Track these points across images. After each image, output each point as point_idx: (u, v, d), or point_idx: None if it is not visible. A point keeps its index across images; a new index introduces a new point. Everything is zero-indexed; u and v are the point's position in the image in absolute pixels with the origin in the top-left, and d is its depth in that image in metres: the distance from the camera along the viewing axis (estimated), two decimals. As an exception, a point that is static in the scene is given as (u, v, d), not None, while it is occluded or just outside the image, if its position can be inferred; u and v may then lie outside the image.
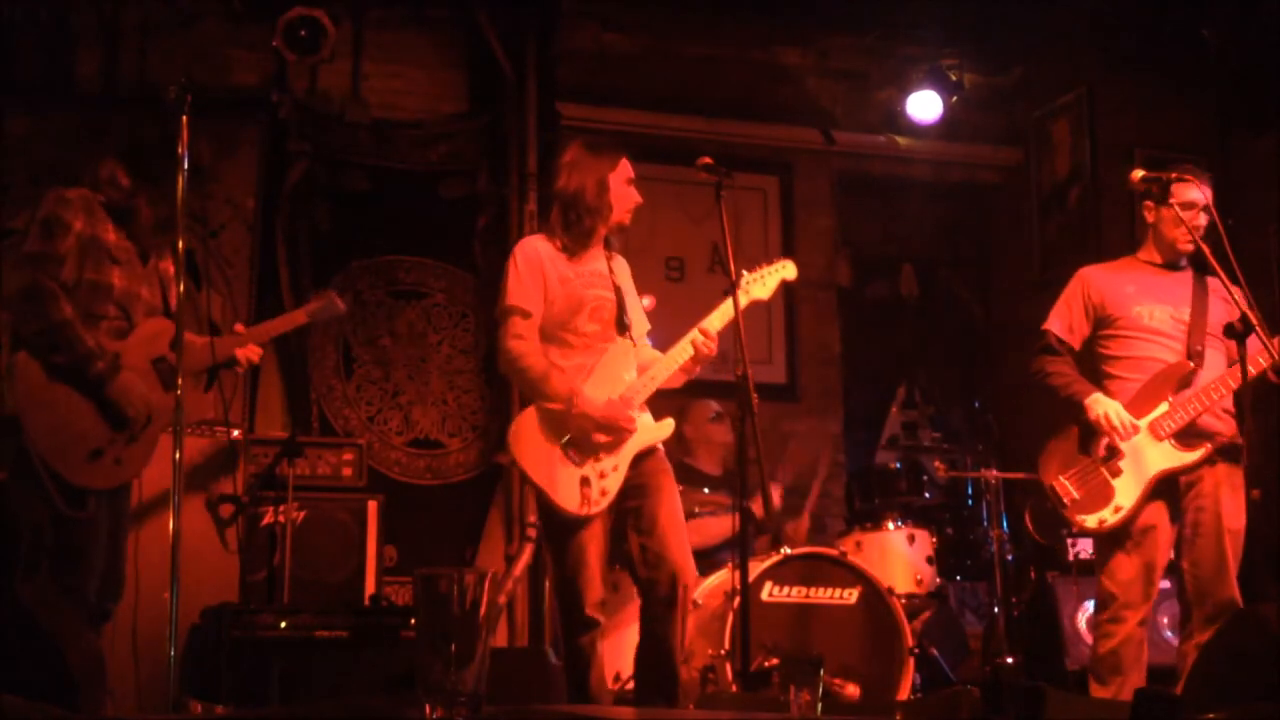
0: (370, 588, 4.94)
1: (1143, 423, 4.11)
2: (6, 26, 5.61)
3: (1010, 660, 5.30)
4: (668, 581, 3.76)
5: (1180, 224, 4.19)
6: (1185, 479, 4.13)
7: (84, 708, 3.10)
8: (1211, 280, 4.27)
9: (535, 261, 3.87)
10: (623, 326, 3.92)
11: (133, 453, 3.70)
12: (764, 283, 4.02)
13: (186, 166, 3.41)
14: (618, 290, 3.94)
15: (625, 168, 3.95)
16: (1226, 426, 4.17)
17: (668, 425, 3.94)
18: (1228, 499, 4.12)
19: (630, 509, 3.83)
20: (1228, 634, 3.31)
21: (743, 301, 3.92)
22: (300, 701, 4.05)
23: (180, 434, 3.34)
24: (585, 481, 3.76)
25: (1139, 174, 4.13)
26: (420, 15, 6.41)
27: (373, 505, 5.08)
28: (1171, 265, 4.30)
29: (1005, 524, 5.79)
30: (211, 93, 5.57)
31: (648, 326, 4.10)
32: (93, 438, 3.61)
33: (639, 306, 4.09)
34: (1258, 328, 3.75)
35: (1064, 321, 4.33)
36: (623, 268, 4.05)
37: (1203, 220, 4.23)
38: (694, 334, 3.85)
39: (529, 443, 3.81)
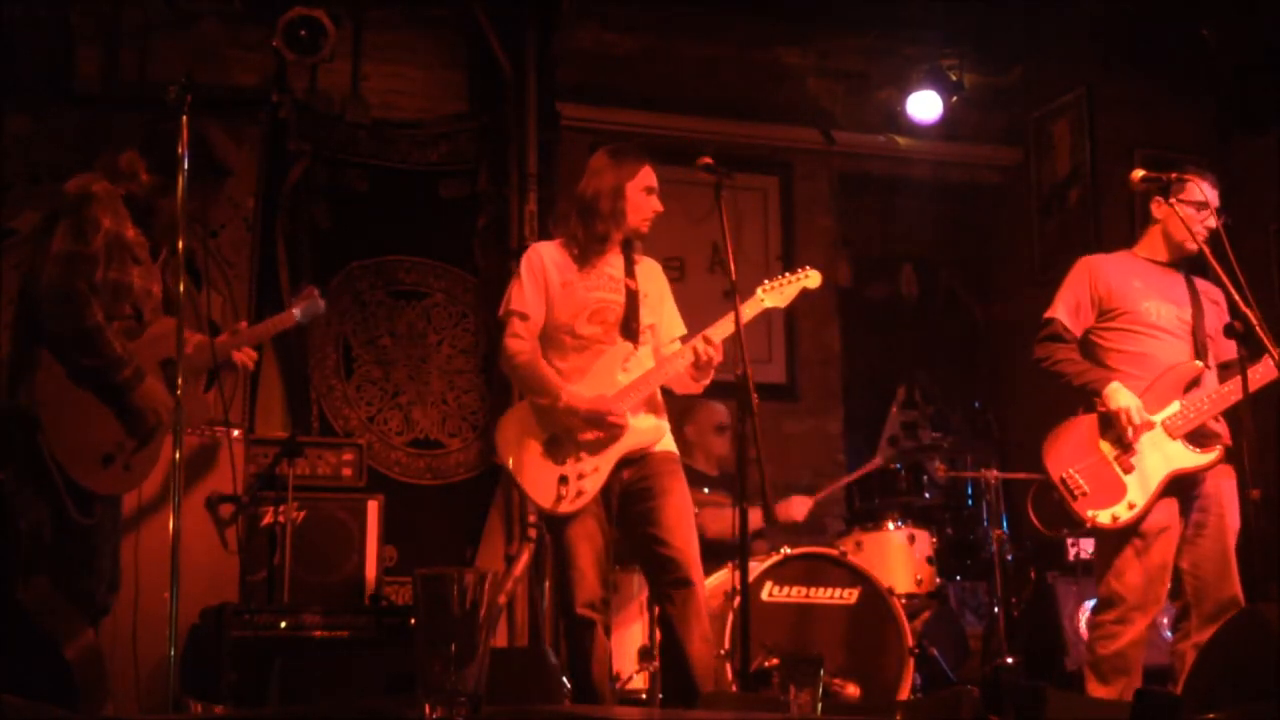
0: (370, 588, 4.94)
1: (1156, 419, 4.06)
2: (6, 26, 5.61)
3: (1010, 660, 5.30)
4: (682, 584, 3.80)
5: (1194, 221, 4.17)
6: (1191, 480, 4.08)
7: (84, 708, 3.10)
8: (1200, 282, 4.30)
9: (538, 268, 3.95)
10: (629, 329, 3.93)
11: (141, 458, 3.70)
12: (781, 292, 4.03)
13: (187, 166, 3.40)
14: (631, 294, 3.95)
15: (645, 176, 3.98)
16: (1223, 428, 4.16)
17: (661, 429, 3.94)
18: (1229, 499, 4.11)
19: (638, 512, 3.86)
20: (1228, 634, 3.31)
21: (753, 311, 3.96)
22: (300, 701, 4.05)
23: (180, 434, 3.34)
24: (563, 479, 3.80)
25: (1139, 174, 4.12)
26: (420, 15, 6.41)
27: (373, 505, 5.08)
28: (1172, 264, 4.28)
29: (1005, 524, 5.79)
30: (211, 93, 5.57)
31: (679, 331, 4.08)
32: (106, 443, 3.61)
33: (663, 310, 4.08)
34: (1258, 329, 3.74)
35: (1069, 309, 4.24)
36: (649, 270, 4.07)
37: (1212, 223, 4.21)
38: (696, 340, 3.86)
39: (513, 437, 3.89)
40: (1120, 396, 4.03)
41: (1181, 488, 4.07)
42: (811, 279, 4.07)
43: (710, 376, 3.96)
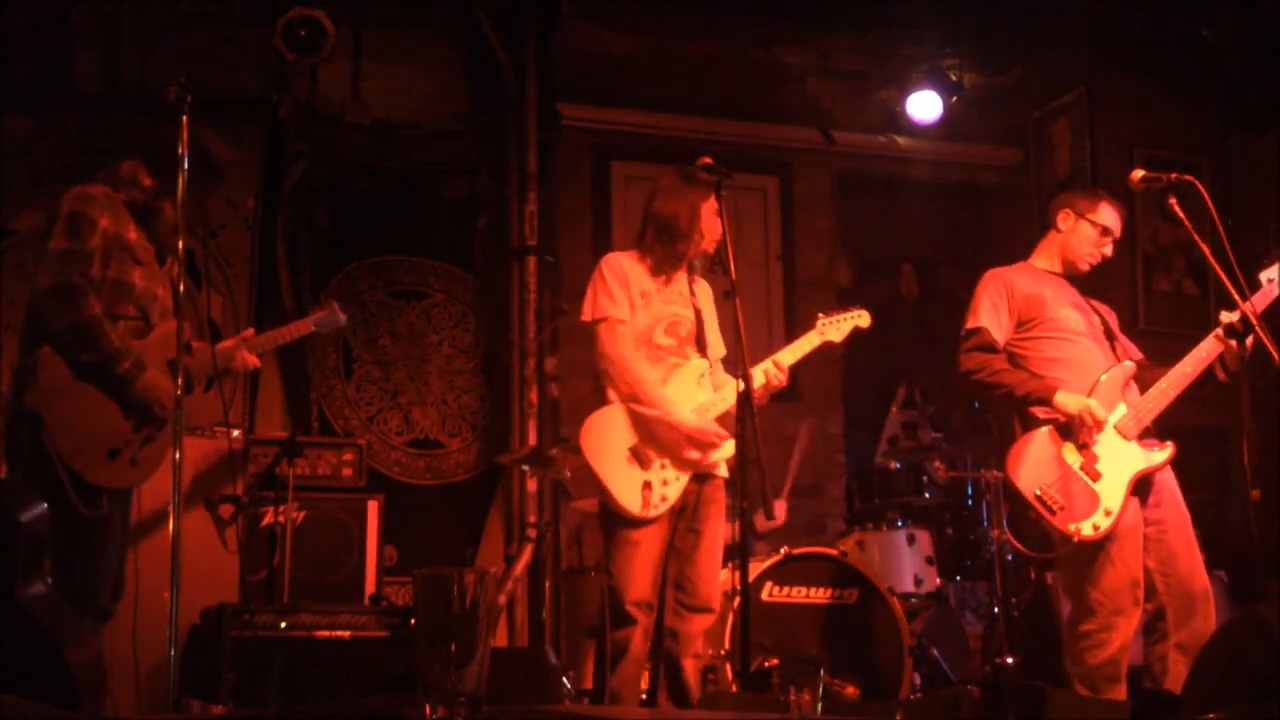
0: (370, 588, 4.94)
1: (1109, 422, 4.06)
2: (6, 26, 5.61)
3: (1010, 660, 5.29)
4: (703, 610, 4.00)
5: (1092, 244, 4.26)
6: (1148, 478, 4.07)
7: (84, 708, 3.10)
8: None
9: (620, 274, 4.08)
10: (701, 345, 4.10)
11: (148, 453, 3.72)
12: (838, 327, 4.23)
13: (187, 166, 3.41)
14: (698, 311, 4.13)
15: (714, 199, 4.09)
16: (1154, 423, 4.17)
17: (729, 446, 4.04)
18: (1177, 490, 4.13)
19: (681, 530, 4.02)
20: (1228, 634, 3.30)
21: (816, 342, 4.17)
22: (300, 701, 4.06)
23: (180, 434, 3.35)
24: (648, 485, 3.91)
25: (1139, 174, 4.10)
26: (420, 15, 6.41)
27: (373, 505, 5.08)
28: (1065, 276, 4.34)
29: (1006, 524, 5.78)
30: (211, 93, 5.57)
31: (721, 352, 4.26)
32: (112, 437, 3.62)
33: (713, 331, 4.26)
34: (1257, 328, 3.74)
35: (994, 320, 4.22)
36: (705, 291, 4.26)
37: (1109, 251, 4.31)
38: (766, 364, 4.02)
39: (600, 439, 3.97)
40: (1075, 399, 4.03)
41: (1139, 488, 4.06)
42: (863, 319, 4.28)
43: (768, 399, 4.12)
